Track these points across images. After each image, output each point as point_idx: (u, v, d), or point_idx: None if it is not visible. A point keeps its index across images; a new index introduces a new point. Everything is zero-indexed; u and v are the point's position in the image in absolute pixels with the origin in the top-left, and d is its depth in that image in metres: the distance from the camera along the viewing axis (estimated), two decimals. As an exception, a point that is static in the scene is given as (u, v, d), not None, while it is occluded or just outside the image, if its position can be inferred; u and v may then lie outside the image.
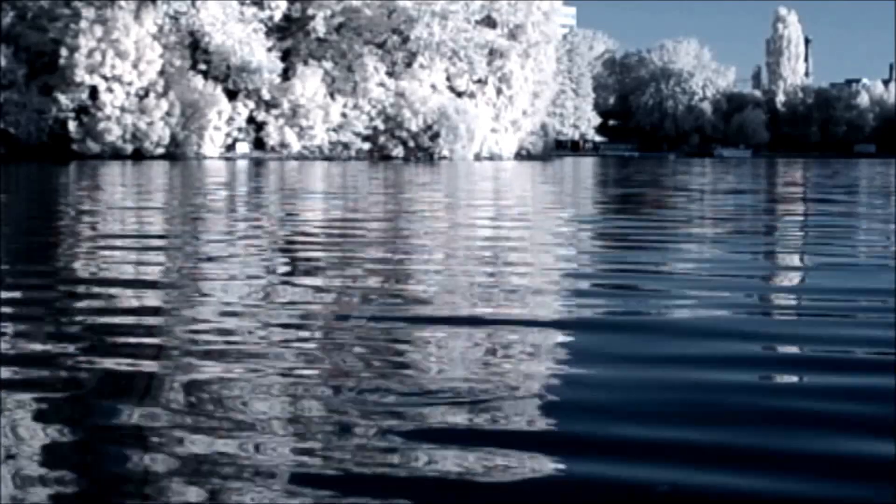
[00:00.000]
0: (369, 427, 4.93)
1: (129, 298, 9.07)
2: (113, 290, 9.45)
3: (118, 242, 14.18)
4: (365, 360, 6.39)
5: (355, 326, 7.45)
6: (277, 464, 4.44)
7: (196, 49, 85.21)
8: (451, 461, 4.47)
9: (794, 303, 9.37)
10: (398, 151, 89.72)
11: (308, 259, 12.36)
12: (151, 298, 9.13)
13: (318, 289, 9.55)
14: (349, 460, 4.47)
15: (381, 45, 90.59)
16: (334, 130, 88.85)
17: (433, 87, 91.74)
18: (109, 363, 6.30)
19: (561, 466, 4.45)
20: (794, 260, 13.21)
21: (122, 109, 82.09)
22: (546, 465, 4.47)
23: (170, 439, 4.75)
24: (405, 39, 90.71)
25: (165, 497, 4.05)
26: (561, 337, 7.26)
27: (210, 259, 12.35)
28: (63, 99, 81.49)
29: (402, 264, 11.98)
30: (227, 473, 4.32)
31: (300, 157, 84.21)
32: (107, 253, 12.83)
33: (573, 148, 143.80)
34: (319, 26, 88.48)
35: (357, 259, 12.31)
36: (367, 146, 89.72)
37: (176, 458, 4.48)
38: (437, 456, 4.53)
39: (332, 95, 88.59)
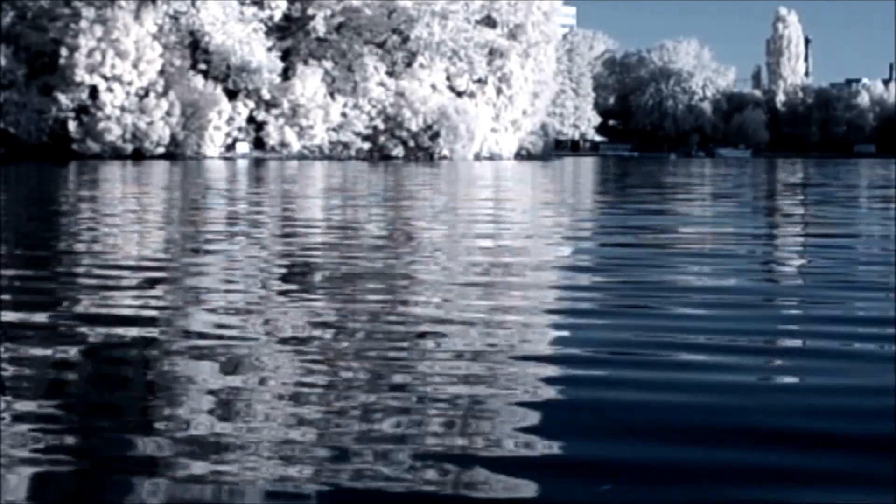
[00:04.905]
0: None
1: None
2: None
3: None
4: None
5: None
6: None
7: (196, 49, 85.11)
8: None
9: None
10: (398, 151, 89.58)
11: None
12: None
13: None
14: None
15: (381, 45, 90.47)
16: (334, 130, 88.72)
17: (433, 86, 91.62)
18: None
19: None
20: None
21: (122, 109, 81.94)
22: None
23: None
24: (405, 39, 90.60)
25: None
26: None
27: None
28: (63, 99, 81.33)
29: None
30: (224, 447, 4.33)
31: (300, 157, 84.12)
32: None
33: (573, 148, 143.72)
34: (319, 26, 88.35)
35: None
36: (367, 146, 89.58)
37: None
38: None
39: (332, 95, 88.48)
